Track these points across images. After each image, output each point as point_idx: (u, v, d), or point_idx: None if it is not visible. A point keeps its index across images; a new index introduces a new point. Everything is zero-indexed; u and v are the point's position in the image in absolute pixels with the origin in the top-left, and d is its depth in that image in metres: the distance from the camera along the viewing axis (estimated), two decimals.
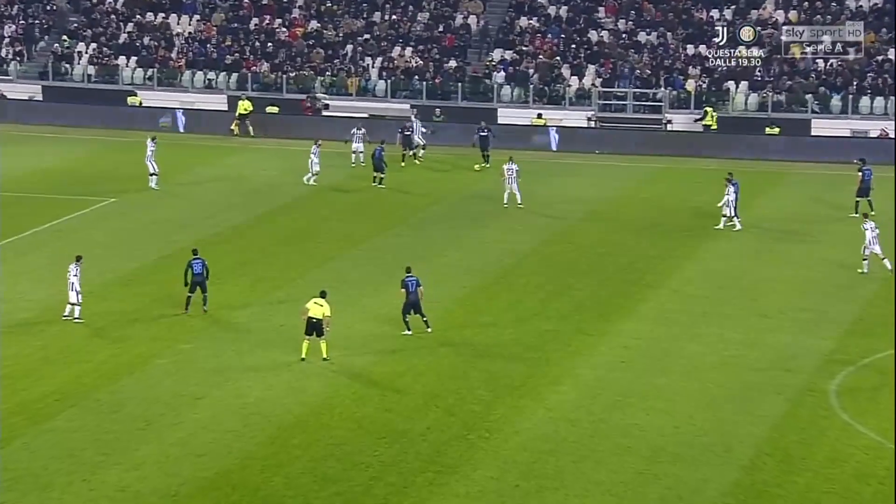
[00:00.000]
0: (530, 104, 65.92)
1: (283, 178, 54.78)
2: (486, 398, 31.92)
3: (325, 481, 27.41)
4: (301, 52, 68.96)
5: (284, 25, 70.40)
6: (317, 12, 71.03)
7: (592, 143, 62.88)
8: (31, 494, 26.38)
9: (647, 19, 68.34)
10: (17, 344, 34.71)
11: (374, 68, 68.06)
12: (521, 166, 50.68)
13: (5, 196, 50.51)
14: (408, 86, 67.07)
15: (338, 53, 68.91)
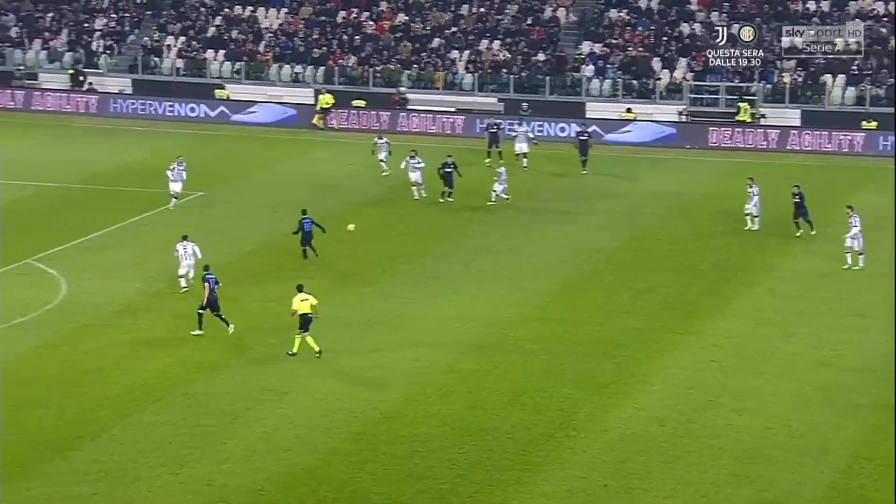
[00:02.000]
0: (619, 98, 65.45)
1: (369, 173, 54.90)
2: (574, 396, 31.72)
3: (410, 478, 27.40)
4: (388, 45, 69.11)
5: (372, 19, 70.60)
6: (404, 5, 71.13)
7: (683, 138, 62.29)
8: (120, 487, 26.68)
9: (740, 11, 67.52)
10: (104, 337, 35.16)
11: (462, 62, 68.00)
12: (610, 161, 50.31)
13: (93, 189, 51.28)
14: (495, 79, 66.93)
15: (425, 47, 68.96)
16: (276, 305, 37.63)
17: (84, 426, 29.55)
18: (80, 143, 59.96)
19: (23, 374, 32.53)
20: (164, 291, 38.90)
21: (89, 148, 59.00)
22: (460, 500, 26.49)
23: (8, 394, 31.29)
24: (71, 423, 29.72)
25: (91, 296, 38.25)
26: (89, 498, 26.23)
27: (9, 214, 47.37)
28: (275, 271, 41.02)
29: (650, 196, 52.02)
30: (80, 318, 36.38)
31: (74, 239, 43.86)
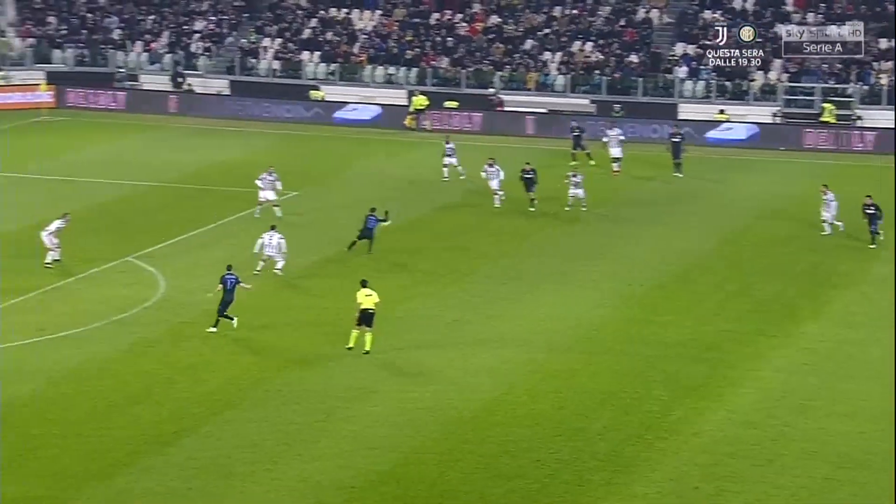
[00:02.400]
0: (712, 99, 64.82)
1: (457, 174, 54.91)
2: (664, 398, 31.48)
3: (499, 478, 27.37)
4: (481, 46, 69.14)
5: (465, 20, 70.68)
6: (497, 7, 71.12)
7: (776, 139, 61.53)
8: (215, 483, 26.98)
9: (836, 12, 66.53)
10: (200, 335, 35.56)
11: (554, 63, 67.82)
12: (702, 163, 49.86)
13: (190, 189, 51.93)
14: (587, 81, 66.66)
15: (518, 48, 68.88)
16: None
17: (180, 422, 29.93)
18: (178, 144, 60.75)
19: (122, 371, 33.06)
20: (259, 289, 39.24)
21: (187, 148, 59.76)
22: (550, 500, 26.41)
23: (108, 390, 31.83)
24: (168, 419, 30.12)
25: (188, 294, 38.72)
26: (185, 492, 26.56)
27: (109, 213, 48.19)
28: (363, 270, 41.17)
29: (742, 198, 51.45)
30: (177, 316, 36.85)
31: (172, 237, 44.45)
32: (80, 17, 73.20)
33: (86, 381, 32.33)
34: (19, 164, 55.30)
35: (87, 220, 46.62)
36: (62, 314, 36.86)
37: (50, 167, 55.07)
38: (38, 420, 29.92)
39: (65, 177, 53.52)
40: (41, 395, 31.37)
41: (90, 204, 49.10)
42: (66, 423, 29.80)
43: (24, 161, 55.96)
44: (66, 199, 49.60)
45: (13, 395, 31.27)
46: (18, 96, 67.12)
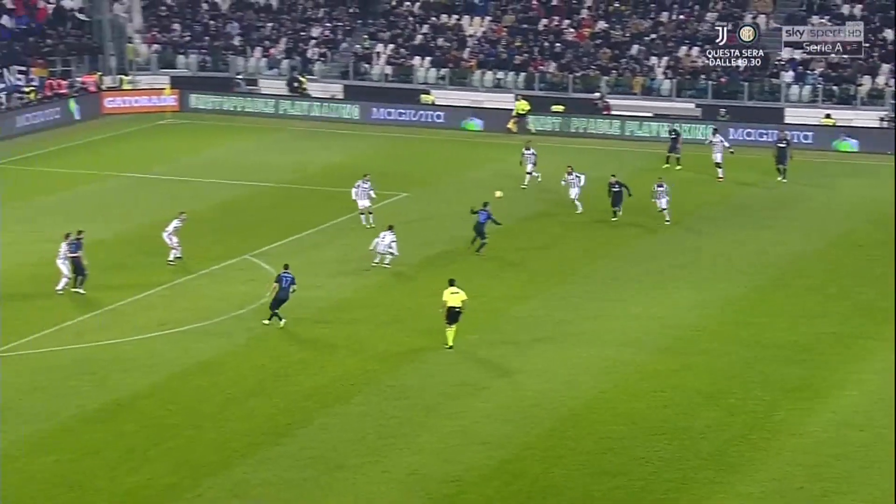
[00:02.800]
0: (819, 104, 63.76)
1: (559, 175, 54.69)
2: (766, 399, 31.10)
3: (603, 475, 27.24)
4: (588, 52, 68.82)
5: (573, 26, 70.40)
6: (605, 13, 70.74)
7: (885, 145, 60.22)
8: (327, 473, 27.24)
9: None
10: (313, 330, 35.94)
11: (660, 67, 67.26)
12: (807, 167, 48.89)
13: (305, 189, 52.43)
14: (693, 85, 65.99)
15: (624, 53, 68.44)
16: (474, 302, 37.83)
17: (293, 415, 30.27)
18: (294, 146, 61.39)
19: (239, 365, 33.53)
20: (370, 288, 39.54)
21: (303, 150, 60.37)
22: (654, 498, 26.23)
23: (226, 383, 32.31)
24: (282, 412, 30.47)
25: (302, 291, 39.04)
26: (299, 483, 26.86)
27: (228, 213, 48.86)
28: (473, 270, 41.28)
29: (846, 203, 50.52)
30: (291, 313, 37.20)
31: (287, 236, 44.92)
32: (203, 25, 74.36)
33: (205, 374, 32.86)
34: (145, 165, 56.37)
35: (208, 220, 47.36)
36: (183, 310, 37.49)
37: (173, 168, 56.03)
38: (161, 411, 30.50)
39: (187, 177, 54.40)
40: (164, 387, 31.96)
41: (211, 204, 49.85)
42: (186, 414, 30.32)
43: (149, 162, 57.03)
44: (187, 199, 50.44)
45: (138, 386, 31.92)
46: (144, 100, 68.40)
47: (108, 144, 61.39)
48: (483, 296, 38.69)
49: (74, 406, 30.64)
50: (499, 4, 72.50)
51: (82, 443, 28.65)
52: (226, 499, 26.19)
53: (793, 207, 49.39)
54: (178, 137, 63.14)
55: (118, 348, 34.46)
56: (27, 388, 31.71)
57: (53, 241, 40.06)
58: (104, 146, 60.95)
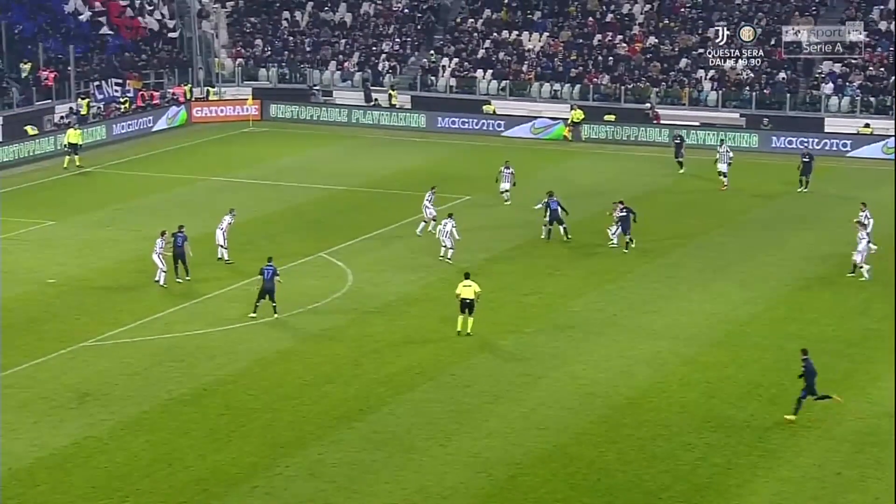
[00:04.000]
0: (857, 114, 62.89)
1: (619, 179, 54.48)
2: None
3: (653, 459, 27.07)
4: (639, 65, 68.40)
5: (625, 41, 70.01)
6: (655, 29, 70.27)
7: None
8: (396, 455, 27.27)
9: None
10: (383, 323, 35.99)
11: (707, 80, 66.71)
12: (849, 173, 48.07)
13: (376, 193, 52.55)
14: (738, 96, 65.38)
15: (673, 66, 67.95)
16: (530, 299, 37.81)
17: (366, 400, 30.34)
18: (366, 153, 61.54)
19: (315, 353, 33.67)
20: (435, 284, 39.53)
21: (374, 156, 60.51)
22: (700, 481, 26.03)
23: (303, 370, 32.46)
24: (355, 398, 30.55)
25: (373, 286, 39.22)
26: (370, 464, 26.91)
27: (305, 214, 49.08)
28: (531, 268, 41.19)
29: (889, 206, 49.74)
30: (364, 306, 37.36)
31: (359, 236, 45.02)
32: (283, 40, 74.79)
33: (283, 362, 33.02)
34: (229, 170, 56.78)
35: (286, 221, 47.62)
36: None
37: (255, 172, 56.38)
38: (243, 396, 30.71)
39: (267, 181, 54.71)
40: (246, 374, 32.17)
41: (289, 205, 50.13)
42: (266, 398, 30.50)
43: (233, 167, 57.44)
44: (268, 201, 50.80)
45: (225, 372, 32.17)
46: (229, 109, 68.92)
47: (197, 151, 61.91)
48: (540, 292, 38.60)
49: (166, 391, 30.94)
50: (556, 21, 72.27)
51: (174, 424, 28.93)
52: (303, 477, 26.31)
53: (834, 210, 48.66)
54: (259, 144, 63.54)
55: (204, 338, 34.74)
56: (124, 373, 32.07)
57: (150, 238, 40.47)
58: (193, 152, 61.49)
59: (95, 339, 34.57)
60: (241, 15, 76.14)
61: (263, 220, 47.66)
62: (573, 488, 25.76)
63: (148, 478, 26.22)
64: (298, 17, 76.27)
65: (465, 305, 34.15)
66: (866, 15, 67.10)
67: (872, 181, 54.29)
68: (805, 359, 29.07)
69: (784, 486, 25.80)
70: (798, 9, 68.54)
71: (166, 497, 25.42)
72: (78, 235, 45.05)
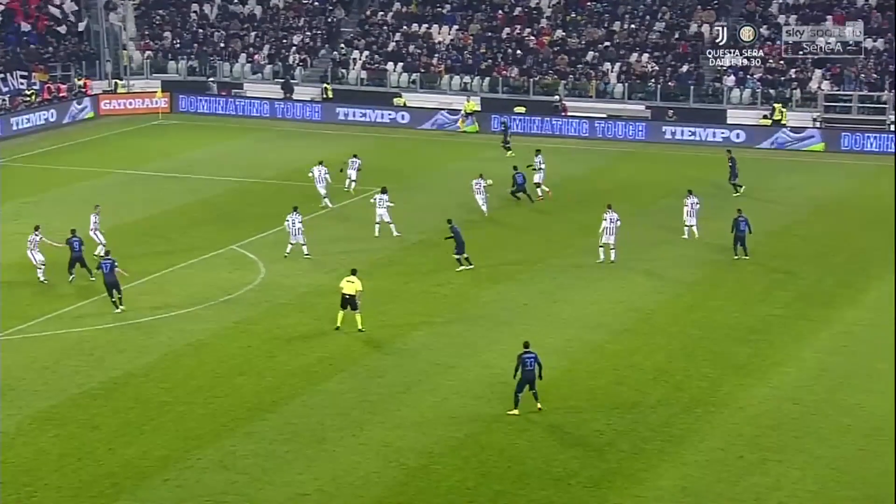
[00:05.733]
0: (758, 105, 64.04)
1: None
2: (712, 376, 31.22)
3: (563, 445, 27.32)
4: (547, 58, 68.85)
5: (533, 34, 70.41)
6: (563, 22, 70.77)
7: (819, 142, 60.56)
8: (309, 447, 27.17)
9: (873, 26, 65.38)
10: (296, 315, 35.82)
11: (613, 73, 67.38)
12: (753, 163, 48.73)
13: (286, 185, 52.13)
14: (643, 88, 66.16)
15: (580, 59, 68.51)
16: (443, 289, 37.88)
17: (279, 392, 30.18)
18: (276, 145, 61.13)
19: (228, 346, 33.39)
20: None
21: (285, 149, 60.14)
22: (608, 466, 26.32)
23: (215, 362, 32.18)
24: (268, 389, 30.37)
25: (284, 279, 39.01)
26: (283, 455, 26.78)
27: (215, 206, 48.60)
28: (441, 260, 41.23)
29: (788, 195, 50.74)
30: (276, 298, 37.13)
31: (271, 228, 44.67)
32: (192, 32, 73.91)
33: (195, 355, 32.70)
34: (138, 163, 56.01)
35: (196, 213, 47.13)
36: (175, 295, 37.28)
37: (164, 165, 55.70)
38: (154, 389, 30.35)
39: (177, 174, 54.10)
40: (157, 367, 31.80)
41: (199, 198, 49.61)
42: (179, 391, 30.19)
43: (141, 160, 56.67)
44: (177, 193, 50.23)
45: (136, 365, 31.77)
46: (138, 102, 67.99)
47: (105, 143, 60.98)
48: (452, 282, 38.73)
49: (75, 385, 30.46)
50: (465, 14, 72.43)
51: (83, 418, 28.51)
52: (215, 469, 26.09)
53: (736, 200, 49.49)
54: (169, 137, 62.78)
55: (114, 332, 34.26)
56: (32, 367, 31.51)
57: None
58: (101, 145, 60.54)
59: (2, 333, 33.89)
60: (150, 7, 75.09)
61: (174, 212, 47.15)
62: (484, 476, 25.90)
63: (57, 472, 25.81)
64: (207, 10, 75.41)
65: (346, 301, 33.95)
66: (765, 9, 68.27)
67: (773, 171, 55.36)
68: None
69: (690, 469, 26.20)
70: (701, 3, 69.46)
71: (76, 491, 25.04)
72: None
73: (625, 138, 62.45)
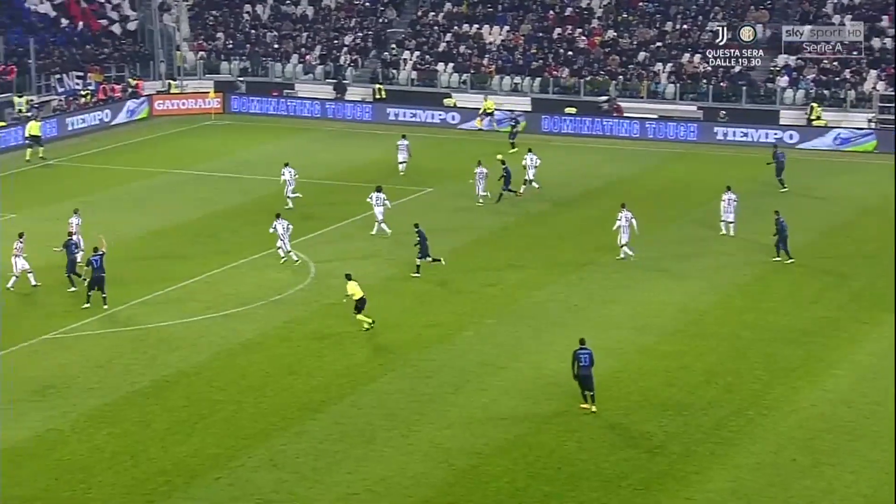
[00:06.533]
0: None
1: (578, 171, 54.58)
2: (765, 378, 30.91)
3: (613, 447, 27.14)
4: (598, 58, 68.53)
5: (584, 35, 70.10)
6: (614, 22, 70.42)
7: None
8: (358, 446, 27.19)
9: None
10: (346, 314, 35.82)
11: (664, 73, 66.93)
12: (803, 165, 48.33)
13: (338, 185, 52.32)
14: (694, 89, 65.66)
15: (632, 60, 68.12)
16: (492, 290, 37.79)
17: (328, 391, 30.24)
18: (328, 145, 61.30)
19: (278, 345, 33.52)
20: (397, 276, 39.46)
21: (336, 149, 60.29)
22: (659, 469, 26.12)
23: (266, 361, 32.30)
24: (317, 389, 30.45)
25: (335, 278, 39.02)
26: (332, 454, 26.82)
27: (267, 206, 48.68)
28: (491, 261, 41.16)
29: (840, 196, 50.14)
30: (325, 297, 37.21)
31: (321, 228, 44.82)
32: (245, 33, 74.34)
33: (246, 354, 32.85)
34: (190, 163, 56.39)
35: (248, 213, 47.34)
36: (227, 295, 37.48)
37: (216, 165, 56.03)
38: (205, 387, 30.53)
39: (229, 174, 54.40)
40: (210, 365, 31.99)
41: (250, 198, 49.83)
42: (230, 390, 30.34)
43: (194, 160, 57.04)
44: (229, 193, 50.50)
45: (188, 364, 31.98)
46: (191, 102, 68.47)
47: (157, 144, 61.46)
48: (501, 282, 38.62)
49: (128, 383, 30.72)
50: (516, 15, 72.26)
51: (136, 416, 28.74)
52: (266, 468, 26.19)
53: (788, 203, 48.96)
54: (222, 137, 63.15)
55: (166, 330, 34.50)
56: (87, 365, 31.82)
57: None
58: (153, 145, 61.03)
59: (57, 331, 34.26)
60: (203, 8, 75.62)
61: (225, 212, 47.43)
62: (533, 477, 25.78)
63: (110, 469, 26.02)
64: (260, 11, 75.82)
65: (361, 304, 33.97)
66: (819, 9, 67.52)
67: (824, 171, 54.73)
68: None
69: (741, 472, 25.94)
70: (753, 4, 68.84)
71: (129, 489, 25.23)
72: (38, 228, 44.56)
73: (676, 139, 62.00)
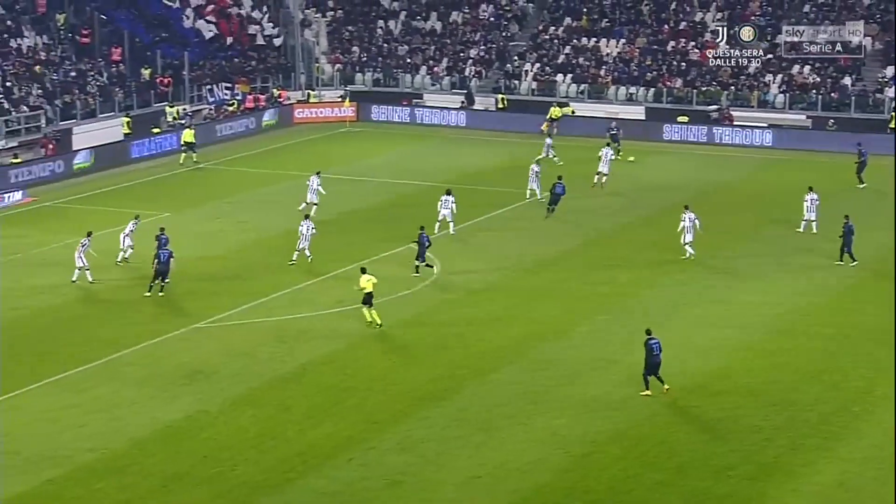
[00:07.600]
0: None
1: (692, 176, 53.85)
2: (869, 376, 30.14)
3: (721, 439, 26.77)
4: (711, 70, 67.53)
5: (697, 47, 69.16)
6: (726, 35, 69.35)
7: None
8: (478, 433, 27.30)
9: None
10: (468, 309, 36.02)
11: (775, 84, 65.62)
12: None
13: (463, 188, 52.46)
14: (804, 99, 64.22)
15: (743, 71, 66.96)
16: (603, 288, 37.54)
17: (450, 380, 30.41)
18: (454, 151, 61.57)
19: (403, 338, 33.84)
20: (515, 274, 39.46)
21: (463, 154, 60.51)
22: (766, 461, 25.69)
23: (393, 352, 32.65)
24: (440, 378, 30.64)
25: (459, 275, 39.27)
26: (454, 440, 26.98)
27: (397, 207, 49.24)
28: (604, 259, 40.88)
29: None
30: (449, 293, 37.42)
31: (445, 229, 44.98)
32: (378, 47, 75.18)
33: (376, 344, 33.24)
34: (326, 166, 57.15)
35: (379, 213, 47.86)
36: (357, 291, 37.85)
37: (351, 169, 56.73)
38: (340, 375, 30.99)
39: (363, 177, 55.04)
40: (342, 355, 32.44)
41: (381, 199, 50.37)
42: (360, 377, 30.75)
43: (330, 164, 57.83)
44: (362, 195, 51.08)
45: (323, 353, 32.49)
46: (328, 111, 69.51)
47: (296, 150, 62.50)
48: (612, 281, 38.33)
49: (270, 370, 31.34)
50: (632, 28, 71.63)
51: (277, 400, 29.29)
52: (394, 451, 26.47)
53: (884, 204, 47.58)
54: (357, 143, 63.94)
55: (303, 322, 35.09)
56: (232, 353, 32.56)
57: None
58: (292, 151, 62.09)
59: (205, 321, 35.13)
60: (340, 24, 76.67)
61: (358, 212, 48.04)
62: (644, 465, 25.57)
63: (254, 448, 26.59)
64: (392, 26, 76.56)
65: (368, 298, 33.76)
66: None
67: None
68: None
69: (847, 465, 25.36)
70: (864, 16, 67.05)
71: (271, 467, 25.76)
72: (190, 226, 45.78)
73: (783, 147, 60.70)
